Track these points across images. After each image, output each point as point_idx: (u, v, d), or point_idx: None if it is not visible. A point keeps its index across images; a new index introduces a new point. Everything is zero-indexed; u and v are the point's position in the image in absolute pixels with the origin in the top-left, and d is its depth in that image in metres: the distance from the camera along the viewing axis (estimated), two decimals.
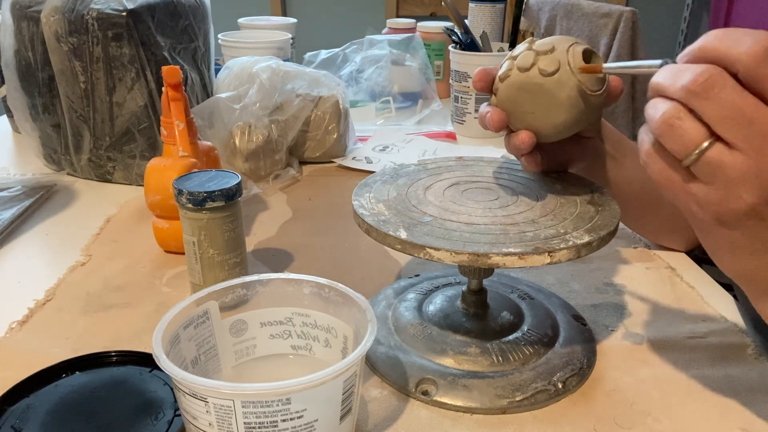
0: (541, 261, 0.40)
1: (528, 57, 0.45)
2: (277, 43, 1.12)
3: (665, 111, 0.34)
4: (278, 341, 0.45)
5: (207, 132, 0.80)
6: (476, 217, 0.45)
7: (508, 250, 0.40)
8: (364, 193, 0.50)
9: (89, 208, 0.77)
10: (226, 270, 0.54)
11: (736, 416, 0.44)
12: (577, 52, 0.44)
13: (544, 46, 0.45)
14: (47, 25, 0.75)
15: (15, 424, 0.41)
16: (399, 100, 1.18)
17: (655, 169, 0.37)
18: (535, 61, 0.45)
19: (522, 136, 0.47)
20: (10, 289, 0.60)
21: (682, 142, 0.34)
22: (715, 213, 0.35)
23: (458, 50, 1.04)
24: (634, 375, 0.48)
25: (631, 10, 1.54)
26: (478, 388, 0.45)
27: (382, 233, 0.43)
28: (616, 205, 0.47)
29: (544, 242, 0.41)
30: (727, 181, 0.33)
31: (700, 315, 0.55)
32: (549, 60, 0.44)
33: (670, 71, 0.35)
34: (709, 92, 0.33)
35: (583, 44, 0.45)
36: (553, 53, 0.44)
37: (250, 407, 0.33)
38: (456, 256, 0.40)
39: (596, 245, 0.42)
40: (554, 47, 0.44)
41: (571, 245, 0.41)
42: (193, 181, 0.53)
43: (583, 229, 0.43)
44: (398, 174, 0.54)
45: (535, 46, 0.45)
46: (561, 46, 0.44)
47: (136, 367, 0.46)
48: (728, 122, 0.33)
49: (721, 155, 0.33)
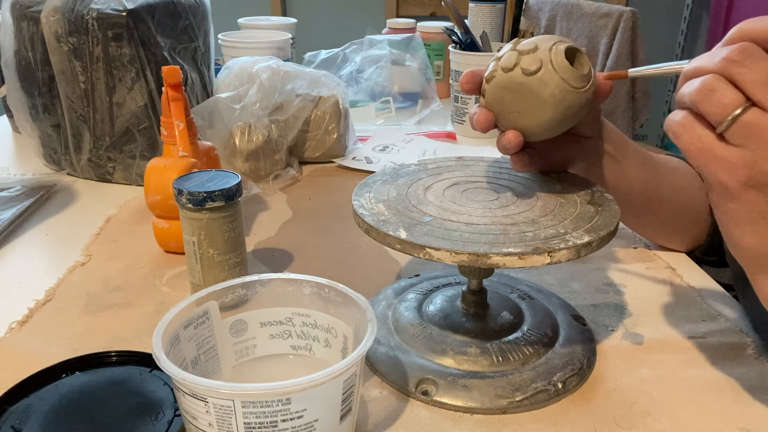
0: (541, 261, 0.40)
1: (511, 57, 0.45)
2: (277, 43, 1.12)
3: (704, 79, 0.37)
4: (278, 341, 0.45)
5: (207, 132, 0.80)
6: (476, 217, 0.45)
7: (508, 251, 0.40)
8: (364, 193, 0.50)
9: (89, 208, 0.77)
10: (226, 270, 0.54)
11: (736, 416, 0.44)
12: (560, 50, 0.44)
13: (527, 46, 0.45)
14: (47, 25, 0.75)
15: (15, 424, 0.41)
16: (399, 100, 1.18)
17: (687, 138, 0.38)
18: (518, 60, 0.45)
19: (509, 135, 0.47)
20: (10, 289, 0.60)
21: (720, 105, 0.36)
22: (746, 176, 0.37)
23: (458, 50, 1.04)
24: (634, 375, 0.48)
25: (631, 10, 1.54)
26: (478, 388, 0.45)
27: (381, 233, 0.43)
28: (616, 205, 0.47)
29: (543, 242, 0.41)
30: (761, 142, 0.36)
31: (700, 315, 0.55)
32: (531, 59, 0.44)
33: (706, 55, 0.38)
34: (747, 60, 0.36)
35: (567, 42, 0.45)
36: (535, 52, 0.44)
37: (250, 407, 0.33)
38: (456, 256, 0.40)
39: (596, 245, 0.42)
40: (537, 46, 0.44)
41: (571, 245, 0.41)
42: (193, 181, 0.53)
43: (583, 229, 0.43)
44: (398, 174, 0.54)
45: (519, 47, 0.45)
46: (544, 45, 0.44)
47: (136, 367, 0.46)
48: (765, 87, 0.35)
49: (756, 118, 0.36)
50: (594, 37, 1.64)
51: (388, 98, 1.15)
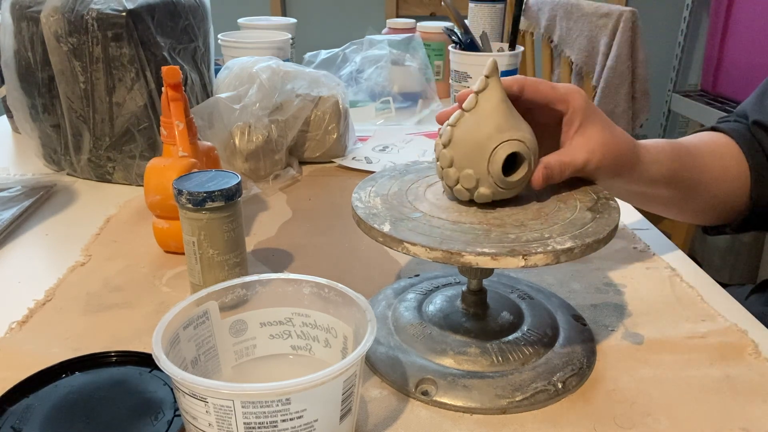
0: (515, 264, 0.40)
1: (451, 175, 0.47)
2: (277, 43, 1.12)
3: None
4: (278, 341, 0.45)
5: (207, 132, 0.80)
6: (464, 216, 0.45)
7: (482, 250, 0.40)
8: (366, 187, 0.51)
9: (89, 208, 0.77)
10: (226, 270, 0.54)
11: (736, 416, 0.44)
12: (498, 159, 0.45)
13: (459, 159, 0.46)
14: (47, 25, 0.75)
15: (15, 424, 0.41)
16: (399, 100, 1.18)
17: None
18: (457, 178, 0.46)
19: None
20: (10, 289, 0.60)
21: None
22: None
23: (458, 50, 1.04)
24: (634, 375, 0.48)
25: (631, 10, 1.54)
26: (478, 388, 0.45)
27: (368, 225, 0.44)
28: (618, 213, 0.46)
29: (522, 245, 0.41)
30: None
31: (700, 315, 0.55)
32: (467, 179, 0.46)
33: None
34: None
35: (511, 141, 0.45)
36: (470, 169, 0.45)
37: (249, 407, 0.33)
38: (430, 252, 0.41)
39: (579, 252, 0.41)
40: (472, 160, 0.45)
41: (549, 250, 0.40)
42: (193, 181, 0.53)
43: (570, 235, 0.42)
44: (408, 170, 0.54)
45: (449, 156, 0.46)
46: (481, 156, 0.45)
47: (135, 368, 0.46)
48: None
49: None
50: (594, 37, 1.64)
51: (388, 98, 1.15)
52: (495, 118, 0.45)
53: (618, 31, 1.54)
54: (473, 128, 0.45)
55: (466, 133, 0.46)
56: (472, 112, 0.46)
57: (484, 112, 0.45)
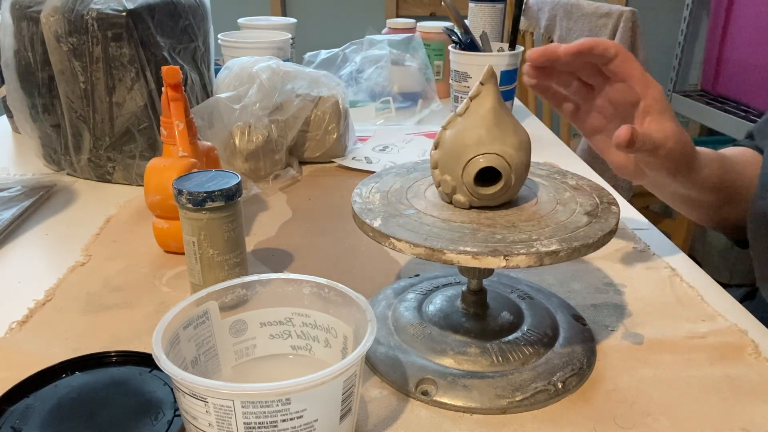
0: (497, 264, 0.40)
1: (436, 177, 0.47)
2: (277, 43, 1.12)
3: None
4: (278, 341, 0.45)
5: (207, 132, 0.80)
6: (456, 215, 0.46)
7: (464, 249, 0.40)
8: (370, 183, 0.51)
9: (89, 208, 0.77)
10: (226, 270, 0.54)
11: (736, 416, 0.44)
12: (471, 171, 0.45)
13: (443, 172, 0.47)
14: (47, 25, 0.75)
15: (15, 424, 0.41)
16: (399, 100, 1.18)
17: None
18: (439, 181, 0.47)
19: None
20: (10, 289, 0.60)
21: None
22: None
23: (458, 50, 1.04)
24: (634, 375, 0.48)
25: (631, 10, 1.54)
26: (478, 388, 0.45)
27: (360, 220, 0.45)
28: (616, 219, 0.46)
29: (506, 245, 0.41)
30: None
31: (700, 315, 0.55)
32: (445, 184, 0.46)
33: None
34: None
35: (488, 155, 0.45)
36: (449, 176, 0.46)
37: (249, 407, 0.33)
38: (414, 249, 0.41)
39: (564, 256, 0.41)
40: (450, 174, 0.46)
41: (532, 252, 0.40)
42: (193, 181, 0.53)
43: (558, 238, 0.42)
44: (415, 168, 0.55)
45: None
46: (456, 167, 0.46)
47: (135, 368, 0.46)
48: None
49: None
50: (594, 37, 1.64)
51: (388, 98, 1.15)
52: (479, 129, 0.45)
53: (618, 31, 1.54)
54: (457, 135, 0.46)
55: (451, 139, 0.46)
56: (463, 116, 0.46)
57: (473, 120, 0.46)
